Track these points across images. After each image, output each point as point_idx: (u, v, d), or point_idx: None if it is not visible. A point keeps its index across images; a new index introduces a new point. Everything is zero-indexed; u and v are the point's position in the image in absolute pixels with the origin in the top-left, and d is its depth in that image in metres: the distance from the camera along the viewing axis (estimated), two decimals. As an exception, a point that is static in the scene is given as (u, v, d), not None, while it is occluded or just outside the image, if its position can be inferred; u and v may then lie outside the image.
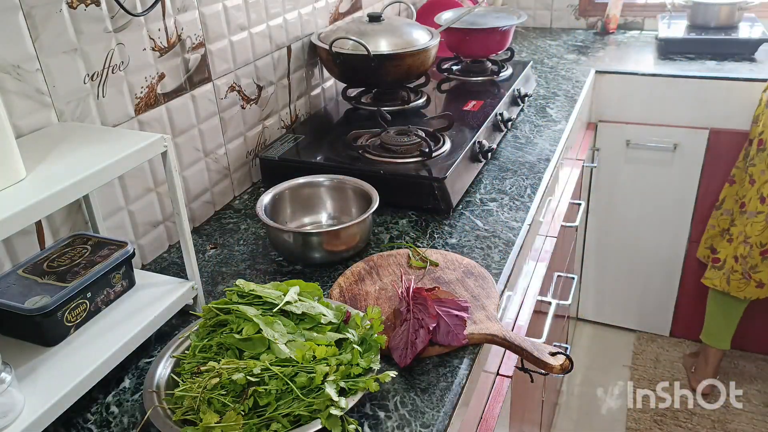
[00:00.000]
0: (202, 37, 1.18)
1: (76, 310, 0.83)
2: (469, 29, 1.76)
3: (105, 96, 0.99)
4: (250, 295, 0.84)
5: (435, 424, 0.77)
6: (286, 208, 1.18)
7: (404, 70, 1.49)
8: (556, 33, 2.51)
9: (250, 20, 1.31)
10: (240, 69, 1.30)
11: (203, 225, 1.25)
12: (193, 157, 1.21)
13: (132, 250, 0.90)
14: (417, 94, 1.60)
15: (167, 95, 1.12)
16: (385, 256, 1.07)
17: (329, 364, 0.76)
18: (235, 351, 0.78)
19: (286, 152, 1.33)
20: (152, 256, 1.14)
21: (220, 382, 0.73)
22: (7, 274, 0.84)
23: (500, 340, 0.88)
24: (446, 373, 0.84)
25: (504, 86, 1.69)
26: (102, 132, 0.90)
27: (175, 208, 0.89)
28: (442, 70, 1.85)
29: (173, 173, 0.86)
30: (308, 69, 1.57)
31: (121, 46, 1.00)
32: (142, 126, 1.07)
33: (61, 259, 0.87)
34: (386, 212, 1.23)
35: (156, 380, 0.79)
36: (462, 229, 1.17)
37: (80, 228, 0.98)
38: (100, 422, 0.80)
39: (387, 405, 0.80)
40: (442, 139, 1.33)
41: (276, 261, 1.11)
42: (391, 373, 0.77)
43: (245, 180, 1.38)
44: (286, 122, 1.51)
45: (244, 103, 1.34)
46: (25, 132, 0.86)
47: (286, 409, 0.72)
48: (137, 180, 1.07)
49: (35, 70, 0.87)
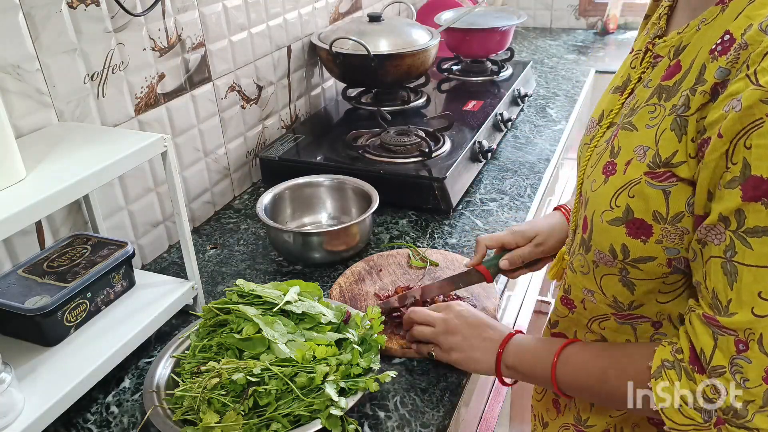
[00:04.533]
0: (202, 37, 1.18)
1: (76, 310, 0.83)
2: (469, 29, 1.76)
3: (105, 96, 0.98)
4: (250, 295, 0.84)
5: (435, 424, 0.77)
6: (286, 208, 1.18)
7: (404, 70, 1.49)
8: (556, 33, 2.51)
9: (250, 20, 1.31)
10: (240, 69, 1.30)
11: (203, 225, 1.25)
12: (193, 157, 1.21)
13: (132, 250, 0.90)
14: (417, 94, 1.60)
15: (167, 95, 1.12)
16: (385, 256, 1.07)
17: (329, 364, 0.76)
18: (235, 351, 0.78)
19: (286, 152, 1.33)
20: (152, 256, 1.14)
21: (220, 382, 0.73)
22: (7, 274, 0.84)
23: (500, 340, 0.88)
24: (446, 373, 0.84)
25: (504, 86, 1.69)
26: (102, 132, 0.90)
27: (175, 208, 0.89)
28: (442, 70, 1.85)
29: (173, 173, 0.86)
30: (308, 69, 1.57)
31: (121, 46, 1.00)
32: (142, 126, 1.07)
33: (61, 259, 0.87)
34: (386, 212, 1.22)
35: (156, 380, 0.79)
36: (462, 229, 1.16)
37: (80, 228, 0.98)
38: (100, 422, 0.80)
39: (387, 405, 0.80)
40: (442, 139, 1.33)
41: (276, 261, 1.11)
42: (391, 373, 0.77)
43: (245, 180, 1.38)
44: (286, 122, 1.51)
45: (244, 103, 1.34)
46: (25, 132, 0.86)
47: (286, 409, 0.72)
48: (137, 180, 1.07)
49: (35, 70, 0.87)
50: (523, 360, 0.75)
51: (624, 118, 0.65)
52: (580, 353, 0.70)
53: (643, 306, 0.66)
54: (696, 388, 0.56)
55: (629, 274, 0.64)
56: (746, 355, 0.52)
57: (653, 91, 0.62)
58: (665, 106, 0.59)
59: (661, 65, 0.63)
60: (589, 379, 0.68)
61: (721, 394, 0.54)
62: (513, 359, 0.76)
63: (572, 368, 0.70)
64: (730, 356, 0.53)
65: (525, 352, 0.76)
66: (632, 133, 0.62)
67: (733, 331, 0.52)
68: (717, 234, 0.53)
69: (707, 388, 0.55)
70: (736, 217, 0.51)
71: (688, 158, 0.55)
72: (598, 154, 0.68)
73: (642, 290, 0.64)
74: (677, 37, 0.61)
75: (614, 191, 0.61)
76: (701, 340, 0.56)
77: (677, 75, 0.59)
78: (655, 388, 0.58)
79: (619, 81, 0.72)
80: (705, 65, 0.55)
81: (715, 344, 0.54)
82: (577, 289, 0.72)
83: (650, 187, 0.58)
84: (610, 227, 0.62)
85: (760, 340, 0.51)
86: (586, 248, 0.68)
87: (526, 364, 0.75)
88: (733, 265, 0.52)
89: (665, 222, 0.58)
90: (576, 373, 0.70)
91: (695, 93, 0.55)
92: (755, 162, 0.48)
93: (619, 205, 0.61)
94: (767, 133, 0.47)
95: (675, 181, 0.57)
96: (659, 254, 0.60)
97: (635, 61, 0.69)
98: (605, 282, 0.67)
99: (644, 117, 0.61)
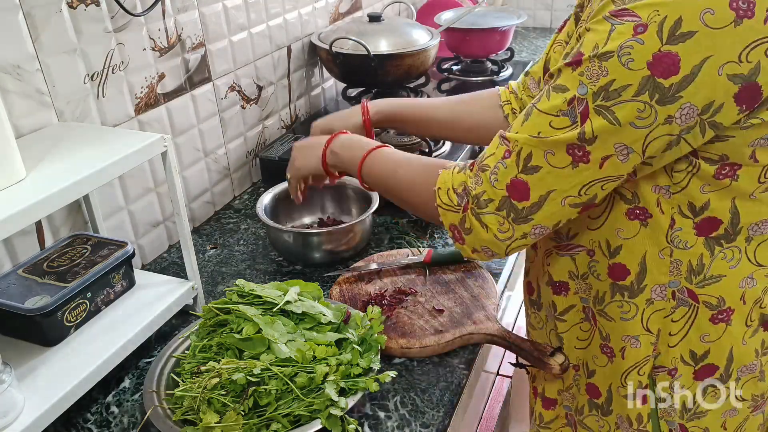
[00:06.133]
0: (202, 37, 1.18)
1: (76, 310, 0.83)
2: (469, 29, 1.76)
3: (105, 96, 0.98)
4: (250, 295, 0.84)
5: (435, 424, 0.77)
6: (286, 208, 1.18)
7: (404, 70, 1.49)
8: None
9: (250, 20, 1.31)
10: (240, 69, 1.30)
11: (203, 225, 1.25)
12: (193, 157, 1.21)
13: (132, 250, 0.90)
14: (417, 94, 1.61)
15: (167, 95, 1.12)
16: (385, 256, 1.07)
17: (329, 364, 0.76)
18: (235, 351, 0.78)
19: (286, 152, 1.33)
20: (152, 256, 1.14)
21: (220, 382, 0.73)
22: (7, 274, 0.84)
23: (500, 340, 0.88)
24: (446, 373, 0.84)
25: (504, 86, 1.69)
26: (102, 132, 0.90)
27: (175, 208, 0.89)
28: (442, 70, 1.85)
29: (173, 173, 0.86)
30: (308, 69, 1.57)
31: (121, 46, 1.00)
32: (142, 126, 1.07)
33: (61, 259, 0.87)
34: (386, 212, 1.22)
35: (156, 380, 0.79)
36: (462, 229, 1.16)
37: (80, 228, 0.98)
38: (100, 422, 0.80)
39: (387, 405, 0.80)
40: (442, 139, 1.32)
41: (276, 261, 1.11)
42: (391, 373, 0.77)
43: (245, 180, 1.38)
44: (286, 122, 1.51)
45: (244, 103, 1.34)
46: (25, 132, 0.86)
47: (286, 409, 0.72)
48: (137, 180, 1.07)
49: (35, 70, 0.87)
50: (345, 147, 0.91)
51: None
52: (390, 153, 0.87)
53: (578, 235, 0.75)
54: (464, 178, 0.71)
55: None
56: (506, 161, 0.66)
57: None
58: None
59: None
60: (384, 172, 0.85)
61: (476, 186, 0.69)
62: (337, 147, 0.92)
63: (376, 162, 0.86)
64: (497, 160, 0.67)
65: (349, 143, 0.91)
66: None
67: (509, 141, 0.66)
68: (544, 86, 0.66)
69: (470, 179, 0.70)
70: (556, 75, 0.63)
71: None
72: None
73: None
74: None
75: None
76: (489, 147, 0.70)
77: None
78: (440, 174, 0.74)
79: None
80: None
81: (495, 150, 0.68)
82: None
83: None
84: None
85: (519, 153, 0.65)
86: None
87: (346, 150, 0.91)
88: (531, 107, 0.65)
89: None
90: (376, 166, 0.86)
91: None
92: (584, 41, 0.60)
93: None
94: (600, 21, 0.59)
95: None
96: None
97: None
98: None
99: None
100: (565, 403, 0.87)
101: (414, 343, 0.86)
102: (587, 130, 0.60)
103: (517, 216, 0.66)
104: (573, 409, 0.86)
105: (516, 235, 0.68)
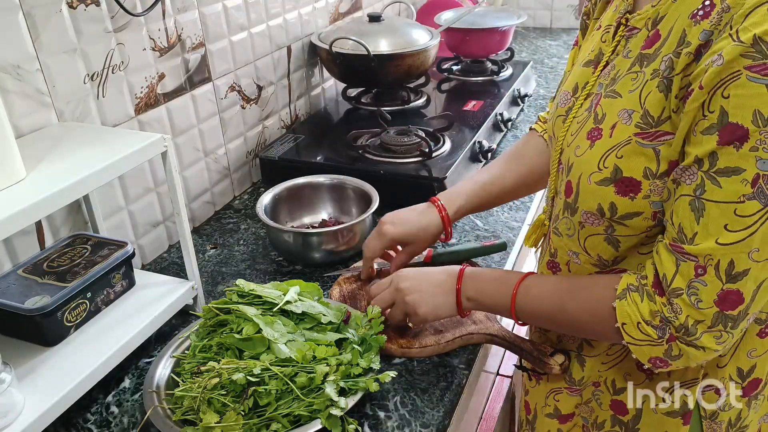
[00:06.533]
0: (202, 37, 1.18)
1: (76, 310, 0.83)
2: (469, 29, 1.76)
3: (105, 96, 0.99)
4: (250, 295, 0.84)
5: (435, 424, 0.77)
6: (286, 208, 1.18)
7: (404, 70, 1.49)
8: (556, 33, 2.50)
9: (250, 20, 1.31)
10: (240, 69, 1.30)
11: (203, 225, 1.25)
12: (193, 157, 1.21)
13: (132, 250, 0.90)
14: (417, 94, 1.60)
15: (167, 95, 1.12)
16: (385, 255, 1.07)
17: (329, 364, 0.76)
18: (235, 351, 0.78)
19: (286, 152, 1.33)
20: (152, 256, 1.14)
21: (220, 382, 0.73)
22: (7, 274, 0.84)
23: (500, 340, 0.88)
24: (446, 373, 0.84)
25: (504, 86, 1.69)
26: (102, 132, 0.90)
27: (175, 208, 0.89)
28: (442, 70, 1.85)
29: (173, 173, 0.86)
30: (308, 69, 1.57)
31: (121, 46, 1.00)
32: (142, 126, 1.07)
33: (61, 259, 0.87)
34: (386, 212, 1.22)
35: (156, 380, 0.79)
36: (462, 229, 1.16)
37: (80, 228, 0.98)
38: (100, 422, 0.80)
39: (387, 405, 0.80)
40: (442, 139, 1.33)
41: (276, 261, 1.11)
42: (391, 373, 0.77)
43: (245, 180, 1.38)
44: (286, 122, 1.51)
45: (244, 103, 1.34)
46: (25, 132, 0.86)
47: (286, 409, 0.72)
48: (137, 180, 1.07)
49: (35, 70, 0.87)
50: (483, 291, 0.81)
51: (606, 88, 0.69)
52: (541, 284, 0.76)
53: (626, 259, 0.70)
54: (655, 308, 0.62)
55: (615, 232, 0.68)
56: (703, 278, 0.58)
57: (634, 60, 0.66)
58: (645, 72, 0.63)
59: (640, 36, 0.66)
60: (549, 308, 0.74)
61: (677, 314, 0.60)
62: (472, 291, 0.81)
63: (531, 298, 0.76)
64: (689, 280, 0.59)
65: (483, 283, 0.81)
66: (616, 99, 0.66)
67: (695, 257, 0.58)
68: (690, 174, 0.58)
69: (665, 308, 0.61)
70: (709, 159, 0.56)
71: (671, 113, 0.59)
72: (579, 123, 0.71)
73: (626, 245, 0.69)
74: (652, 10, 0.65)
75: (601, 154, 0.65)
76: (665, 265, 0.61)
77: (657, 43, 0.63)
78: (618, 307, 0.64)
79: (591, 55, 0.75)
80: (685, 30, 0.59)
81: (677, 269, 0.60)
82: (563, 252, 0.76)
83: (641, 146, 0.62)
84: (598, 188, 0.66)
85: (717, 266, 0.57)
86: (571, 211, 0.71)
87: (487, 294, 0.80)
88: (701, 202, 0.57)
89: (655, 177, 0.62)
90: (535, 302, 0.76)
91: (680, 55, 0.59)
92: (732, 110, 0.53)
93: (607, 167, 0.65)
94: (744, 84, 0.52)
95: (665, 139, 0.60)
96: (646, 209, 0.64)
97: (606, 35, 0.73)
98: (590, 242, 0.71)
99: (627, 84, 0.65)
100: (583, 414, 0.85)
101: (414, 343, 0.87)
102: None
103: (735, 322, 0.60)
104: (590, 422, 0.84)
105: (735, 338, 0.62)
